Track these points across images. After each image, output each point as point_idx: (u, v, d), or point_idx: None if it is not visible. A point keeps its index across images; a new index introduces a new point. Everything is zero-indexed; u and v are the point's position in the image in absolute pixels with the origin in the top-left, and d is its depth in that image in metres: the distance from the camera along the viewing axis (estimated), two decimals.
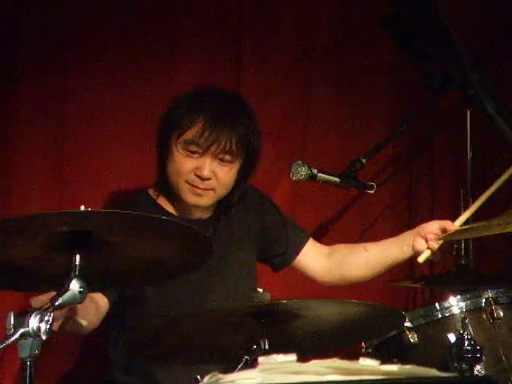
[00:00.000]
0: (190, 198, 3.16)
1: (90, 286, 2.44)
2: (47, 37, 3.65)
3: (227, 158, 3.13)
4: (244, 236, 3.35)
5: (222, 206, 3.27)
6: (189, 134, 3.11)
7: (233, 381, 1.85)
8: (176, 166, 3.13)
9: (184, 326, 2.68)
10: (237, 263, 3.32)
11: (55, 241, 2.44)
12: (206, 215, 3.26)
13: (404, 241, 3.31)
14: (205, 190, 3.15)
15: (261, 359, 1.86)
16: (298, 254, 3.41)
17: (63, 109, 3.69)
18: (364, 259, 3.40)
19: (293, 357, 1.85)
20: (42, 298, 2.57)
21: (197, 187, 3.14)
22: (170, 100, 3.20)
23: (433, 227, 3.25)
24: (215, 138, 3.09)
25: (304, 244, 3.42)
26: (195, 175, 3.12)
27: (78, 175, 3.68)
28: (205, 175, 3.11)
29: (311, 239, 3.44)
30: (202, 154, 3.11)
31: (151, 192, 3.26)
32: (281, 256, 3.41)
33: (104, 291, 3.03)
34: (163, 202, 3.24)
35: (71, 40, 3.69)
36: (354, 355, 3.01)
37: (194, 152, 3.11)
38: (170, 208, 3.23)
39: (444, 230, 3.24)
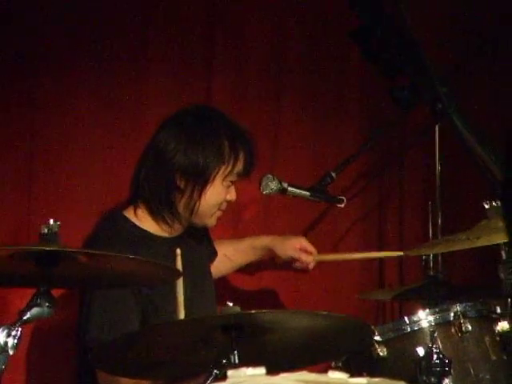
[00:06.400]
0: (214, 222, 3.31)
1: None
2: (17, 46, 3.63)
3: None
4: (203, 248, 3.46)
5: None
6: (238, 168, 3.24)
7: None
8: (218, 196, 3.24)
9: (150, 340, 2.67)
10: (208, 276, 3.41)
11: (26, 257, 2.44)
12: (179, 232, 3.31)
13: (264, 247, 3.60)
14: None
15: (230, 372, 1.85)
16: None
17: (31, 120, 3.67)
18: (228, 266, 3.63)
19: (262, 370, 1.85)
20: None
21: (222, 211, 3.30)
22: (184, 129, 3.22)
23: (304, 242, 3.59)
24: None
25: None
26: (226, 201, 3.27)
27: (47, 188, 3.66)
28: (234, 199, 3.28)
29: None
30: None
31: (128, 215, 3.26)
32: None
33: None
34: (143, 224, 3.25)
35: (42, 49, 3.66)
36: (323, 369, 3.04)
37: (233, 182, 3.26)
38: (151, 228, 3.25)
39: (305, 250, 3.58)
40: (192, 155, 3.19)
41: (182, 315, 2.96)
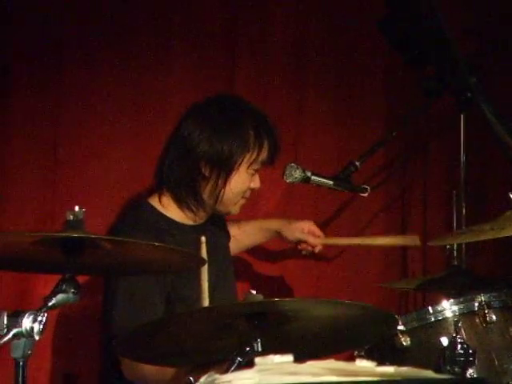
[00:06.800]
0: (238, 209, 3.32)
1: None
2: (40, 37, 3.65)
3: None
4: (224, 234, 3.47)
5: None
6: (263, 156, 3.25)
7: (229, 381, 1.84)
8: (243, 184, 3.25)
9: (173, 327, 2.67)
10: (230, 262, 3.42)
11: (51, 243, 2.45)
12: (204, 219, 3.32)
13: (271, 230, 3.64)
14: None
15: (257, 360, 1.85)
16: None
17: (56, 110, 3.68)
18: (234, 247, 3.59)
19: (289, 357, 1.85)
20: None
21: (246, 199, 3.31)
22: (208, 118, 3.23)
23: (312, 226, 3.62)
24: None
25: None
26: (250, 188, 3.28)
27: (71, 177, 3.68)
28: (258, 187, 3.29)
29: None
30: None
31: (153, 202, 3.27)
32: None
33: None
34: (169, 212, 3.27)
35: (65, 43, 3.69)
36: (345, 358, 3.03)
37: (257, 170, 3.26)
38: (175, 215, 3.27)
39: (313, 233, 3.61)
40: (217, 143, 3.19)
41: (206, 302, 2.97)
